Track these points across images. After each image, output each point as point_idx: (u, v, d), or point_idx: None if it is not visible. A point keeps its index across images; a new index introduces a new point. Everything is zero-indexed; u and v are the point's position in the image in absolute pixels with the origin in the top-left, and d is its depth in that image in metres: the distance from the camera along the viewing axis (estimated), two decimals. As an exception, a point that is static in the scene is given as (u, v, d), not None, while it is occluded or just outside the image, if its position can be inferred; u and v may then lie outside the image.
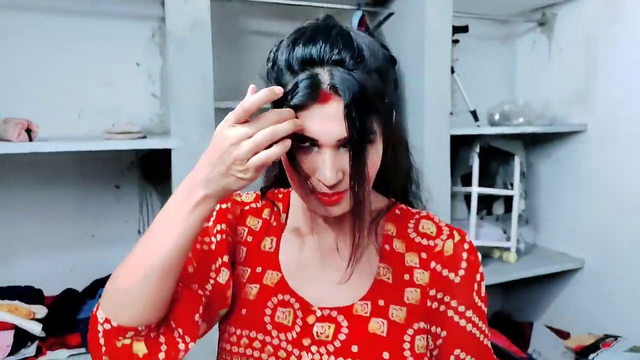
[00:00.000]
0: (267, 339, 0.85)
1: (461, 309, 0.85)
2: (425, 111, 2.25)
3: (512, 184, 2.67)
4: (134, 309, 0.75)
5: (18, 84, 2.08)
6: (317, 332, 0.83)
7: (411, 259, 0.86)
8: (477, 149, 2.52)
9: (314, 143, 0.76)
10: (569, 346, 2.45)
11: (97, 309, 0.79)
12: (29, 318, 1.77)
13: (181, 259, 0.76)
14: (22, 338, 1.74)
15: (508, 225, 2.62)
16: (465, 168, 2.61)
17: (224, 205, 0.93)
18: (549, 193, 2.78)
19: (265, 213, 0.95)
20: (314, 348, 0.83)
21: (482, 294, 0.87)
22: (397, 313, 0.83)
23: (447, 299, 0.85)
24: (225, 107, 2.05)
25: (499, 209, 2.81)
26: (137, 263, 0.75)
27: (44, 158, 2.08)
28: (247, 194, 0.98)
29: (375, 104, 0.75)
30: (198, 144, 1.88)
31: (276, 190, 0.98)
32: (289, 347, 0.84)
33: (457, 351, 0.85)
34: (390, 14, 2.46)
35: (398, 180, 0.95)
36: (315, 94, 0.73)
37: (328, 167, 0.74)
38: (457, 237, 0.87)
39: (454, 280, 0.85)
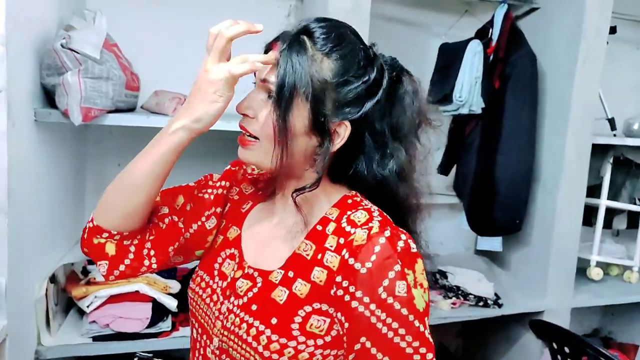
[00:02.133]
0: (211, 282, 0.96)
1: (366, 299, 0.81)
2: (571, 115, 2.13)
3: (640, 199, 2.53)
4: (108, 214, 0.93)
5: (156, 55, 2.06)
6: (238, 286, 0.91)
7: (330, 242, 0.86)
8: (611, 160, 2.38)
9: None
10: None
11: None
12: (165, 292, 1.77)
13: (152, 181, 0.89)
14: (159, 311, 1.74)
15: (630, 242, 2.48)
16: (593, 178, 2.47)
17: (233, 168, 1.07)
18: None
19: (259, 186, 1.05)
20: (232, 299, 0.90)
21: (398, 293, 0.80)
22: (300, 287, 0.85)
23: (352, 288, 0.82)
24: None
25: (619, 223, 2.67)
26: (120, 177, 0.91)
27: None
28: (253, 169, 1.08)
29: (313, 73, 0.83)
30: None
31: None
32: (219, 292, 0.93)
33: (362, 339, 0.81)
34: (534, 9, 2.34)
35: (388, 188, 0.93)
36: (270, 43, 0.87)
37: (244, 98, 0.87)
38: (375, 229, 0.83)
39: (359, 270, 0.81)
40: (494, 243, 2.34)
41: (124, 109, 1.67)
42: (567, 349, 2.01)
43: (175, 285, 1.82)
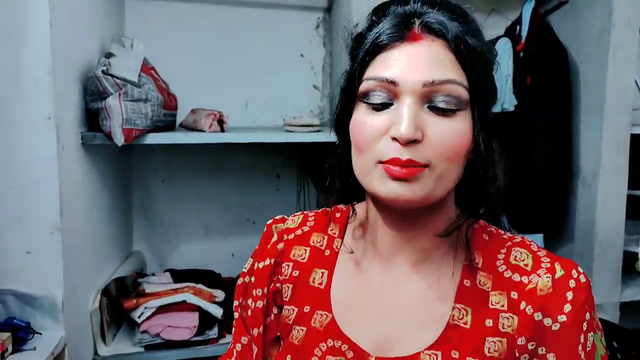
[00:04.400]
0: None
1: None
2: (606, 107, 2.10)
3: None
4: None
5: (191, 74, 2.16)
6: None
7: (497, 300, 0.68)
8: (653, 149, 2.33)
9: (390, 97, 0.64)
10: None
11: None
12: (211, 301, 1.84)
13: None
14: (205, 320, 1.81)
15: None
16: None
17: (264, 262, 0.81)
18: None
19: (314, 239, 0.80)
20: None
21: (589, 347, 0.65)
22: None
23: (541, 350, 0.66)
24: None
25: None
26: None
27: (213, 147, 2.14)
28: (293, 216, 0.84)
29: (478, 61, 0.64)
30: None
31: (333, 209, 0.82)
32: None
33: None
34: (562, 3, 2.32)
35: (486, 192, 0.71)
36: (402, 32, 0.64)
37: (405, 117, 0.62)
38: (559, 272, 0.67)
39: (550, 327, 0.65)
40: (535, 240, 2.31)
41: (164, 127, 1.76)
42: (615, 344, 1.97)
43: (220, 294, 1.89)
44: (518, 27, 2.25)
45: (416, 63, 0.63)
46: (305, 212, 0.84)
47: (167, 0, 2.15)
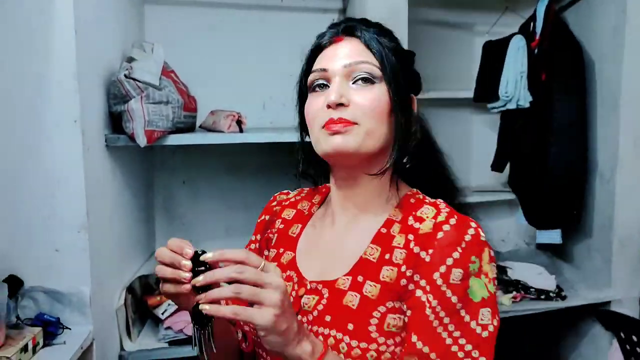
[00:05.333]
0: None
1: (428, 288, 0.81)
2: (622, 102, 2.10)
3: None
4: None
5: (210, 77, 2.21)
6: (304, 303, 0.90)
7: (398, 241, 0.87)
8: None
9: (326, 81, 0.89)
10: None
11: None
12: (232, 298, 1.88)
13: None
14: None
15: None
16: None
17: (262, 217, 1.09)
18: None
19: (301, 205, 1.07)
20: (299, 317, 0.87)
21: (453, 281, 0.79)
22: (371, 289, 0.85)
23: (416, 277, 0.82)
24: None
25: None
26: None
27: (232, 147, 2.18)
28: (297, 190, 1.12)
29: (385, 50, 0.88)
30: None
31: (321, 186, 1.08)
32: None
33: (414, 337, 0.80)
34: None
35: (423, 163, 0.97)
36: (331, 38, 0.91)
37: (333, 89, 0.86)
38: (441, 217, 0.85)
39: (424, 258, 0.82)
40: (553, 236, 2.32)
41: (184, 129, 1.81)
42: (635, 338, 1.98)
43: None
44: (532, 24, 2.26)
45: (339, 54, 0.89)
46: (304, 188, 1.11)
47: (185, 5, 2.21)
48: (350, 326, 0.83)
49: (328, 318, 0.85)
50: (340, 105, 0.85)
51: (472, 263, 0.81)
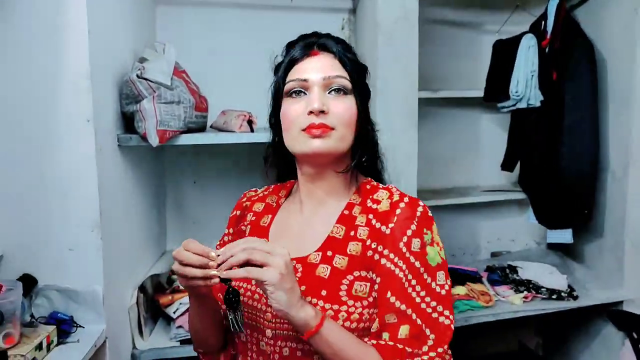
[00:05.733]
0: (249, 286, 1.06)
1: (391, 256, 0.97)
2: (634, 99, 2.09)
3: None
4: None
5: (220, 77, 2.22)
6: None
7: (360, 220, 1.03)
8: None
9: (304, 90, 1.02)
10: None
11: None
12: (243, 297, 1.89)
13: (199, 316, 1.09)
14: (238, 316, 1.86)
15: None
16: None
17: (234, 213, 1.23)
18: None
19: (269, 199, 1.19)
20: None
21: (414, 249, 0.97)
22: (340, 261, 1.00)
23: (380, 248, 0.98)
24: (422, 97, 2.05)
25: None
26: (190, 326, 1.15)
27: (241, 147, 2.19)
28: (265, 187, 1.25)
29: (353, 66, 1.05)
30: (402, 134, 1.89)
31: (286, 182, 1.22)
32: (260, 290, 1.02)
33: (388, 294, 0.96)
34: (588, -3, 2.32)
35: (372, 159, 1.14)
36: (307, 51, 1.05)
37: (316, 97, 1.00)
38: (395, 197, 1.02)
39: (385, 232, 0.99)
40: (564, 235, 2.31)
41: (195, 129, 1.81)
42: (648, 338, 1.97)
43: (252, 291, 1.94)
44: (543, 22, 2.26)
45: (318, 67, 1.03)
46: (270, 186, 1.24)
47: (197, 6, 2.22)
48: (324, 292, 0.98)
49: (303, 287, 0.98)
50: (321, 112, 0.99)
51: (425, 234, 0.99)
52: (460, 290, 2.13)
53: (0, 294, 1.26)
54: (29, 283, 1.42)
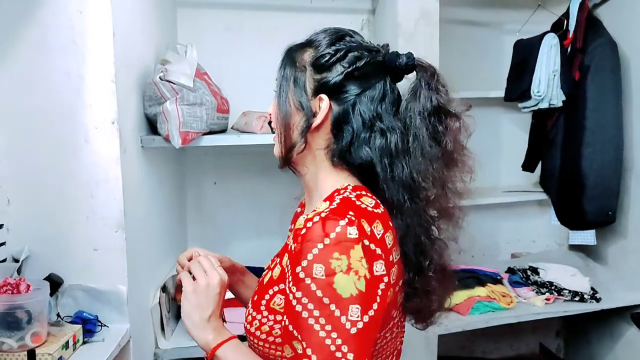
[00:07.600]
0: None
1: (290, 279, 0.87)
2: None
3: None
4: None
5: (241, 78, 2.23)
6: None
7: (291, 227, 1.05)
8: None
9: None
10: None
11: None
12: (264, 298, 1.90)
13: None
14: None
15: None
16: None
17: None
18: None
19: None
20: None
21: (316, 275, 0.82)
22: (276, 271, 0.98)
23: (288, 267, 0.89)
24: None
25: None
26: None
27: (262, 148, 2.20)
28: None
29: (296, 70, 1.01)
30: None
31: None
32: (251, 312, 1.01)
33: (287, 321, 0.87)
34: (610, -5, 2.29)
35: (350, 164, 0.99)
36: None
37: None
38: (311, 215, 0.87)
39: (292, 251, 0.88)
40: (586, 236, 2.29)
41: (217, 130, 1.83)
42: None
43: (272, 291, 1.94)
44: (565, 21, 2.24)
45: None
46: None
47: (217, 8, 2.23)
48: (255, 297, 0.99)
49: (255, 297, 1.00)
50: None
51: (336, 260, 0.82)
52: (481, 291, 2.12)
53: (28, 293, 1.27)
54: (55, 283, 1.44)
